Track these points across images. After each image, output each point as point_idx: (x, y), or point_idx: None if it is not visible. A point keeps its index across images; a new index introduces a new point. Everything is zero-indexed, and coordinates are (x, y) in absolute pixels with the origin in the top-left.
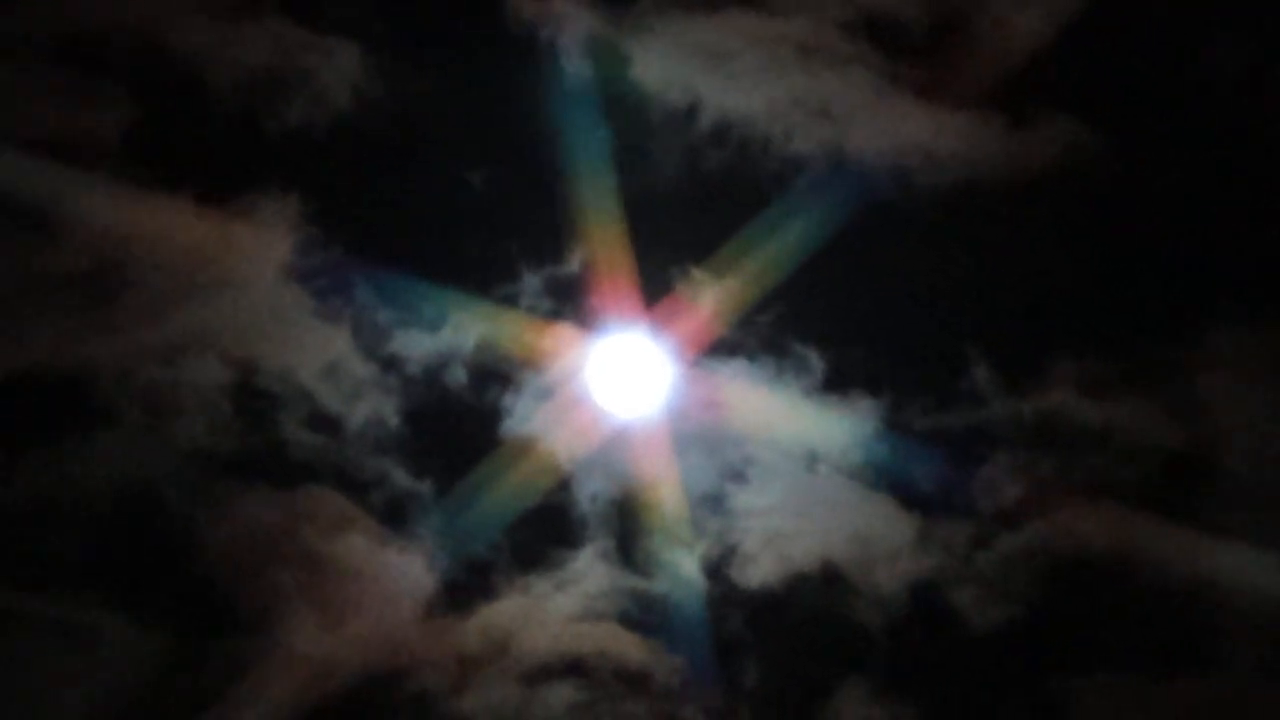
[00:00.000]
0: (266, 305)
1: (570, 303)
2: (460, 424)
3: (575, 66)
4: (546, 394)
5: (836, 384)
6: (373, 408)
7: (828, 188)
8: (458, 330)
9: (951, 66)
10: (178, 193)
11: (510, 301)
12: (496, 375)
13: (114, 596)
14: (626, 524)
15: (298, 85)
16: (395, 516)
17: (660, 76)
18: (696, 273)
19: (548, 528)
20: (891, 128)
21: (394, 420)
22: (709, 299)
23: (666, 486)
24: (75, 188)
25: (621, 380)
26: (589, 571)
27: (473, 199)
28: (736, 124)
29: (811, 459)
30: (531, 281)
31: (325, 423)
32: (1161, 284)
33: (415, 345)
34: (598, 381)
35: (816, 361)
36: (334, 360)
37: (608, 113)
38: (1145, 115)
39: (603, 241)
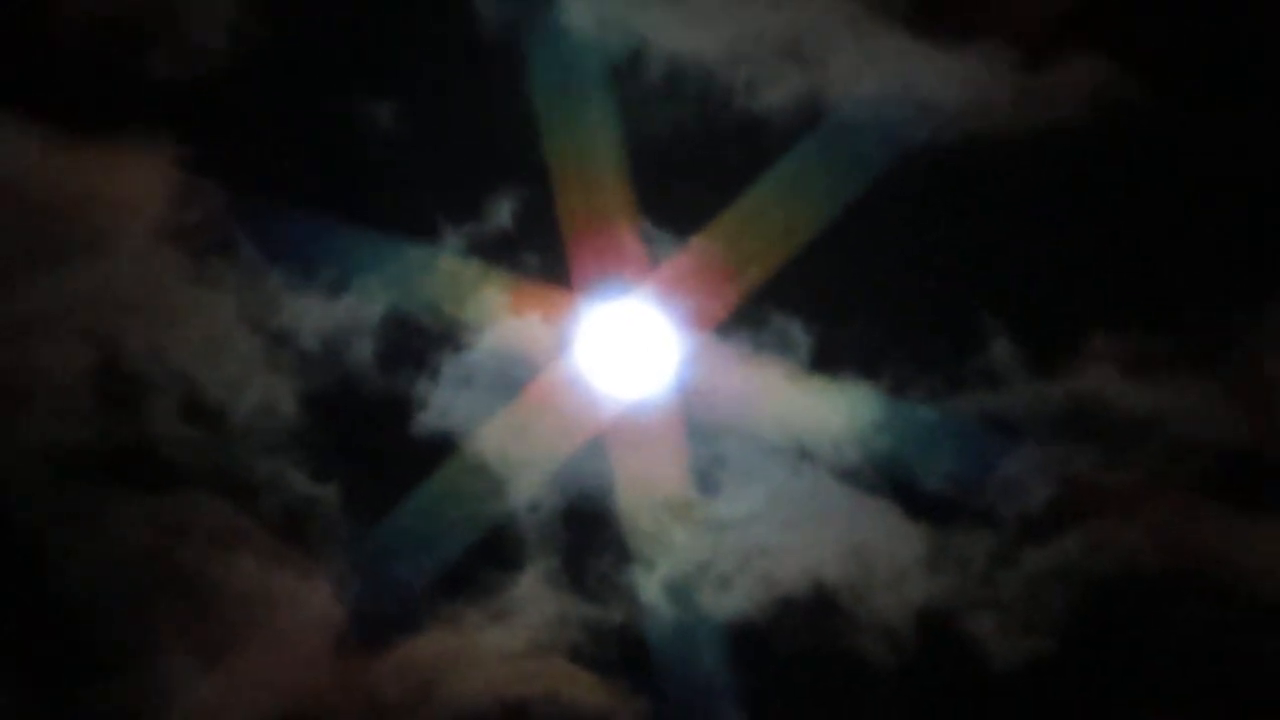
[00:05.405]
0: (135, 270)
1: (497, 264)
2: (371, 413)
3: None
4: (476, 377)
5: (828, 367)
6: (263, 394)
7: (807, 144)
8: (364, 298)
9: None
10: (30, 140)
11: (427, 264)
12: (413, 352)
13: None
14: (576, 539)
15: (168, 22)
16: (293, 529)
17: (597, 16)
18: (651, 232)
19: (481, 544)
20: (878, 71)
21: (289, 409)
22: (676, 272)
23: (625, 492)
24: None
25: (588, 361)
26: (532, 597)
27: (375, 145)
28: (690, 70)
29: (799, 456)
30: (452, 240)
31: (205, 413)
32: (1213, 247)
33: (313, 315)
34: (555, 363)
35: (804, 341)
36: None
37: (531, 57)
38: (1185, 53)
39: (533, 198)
